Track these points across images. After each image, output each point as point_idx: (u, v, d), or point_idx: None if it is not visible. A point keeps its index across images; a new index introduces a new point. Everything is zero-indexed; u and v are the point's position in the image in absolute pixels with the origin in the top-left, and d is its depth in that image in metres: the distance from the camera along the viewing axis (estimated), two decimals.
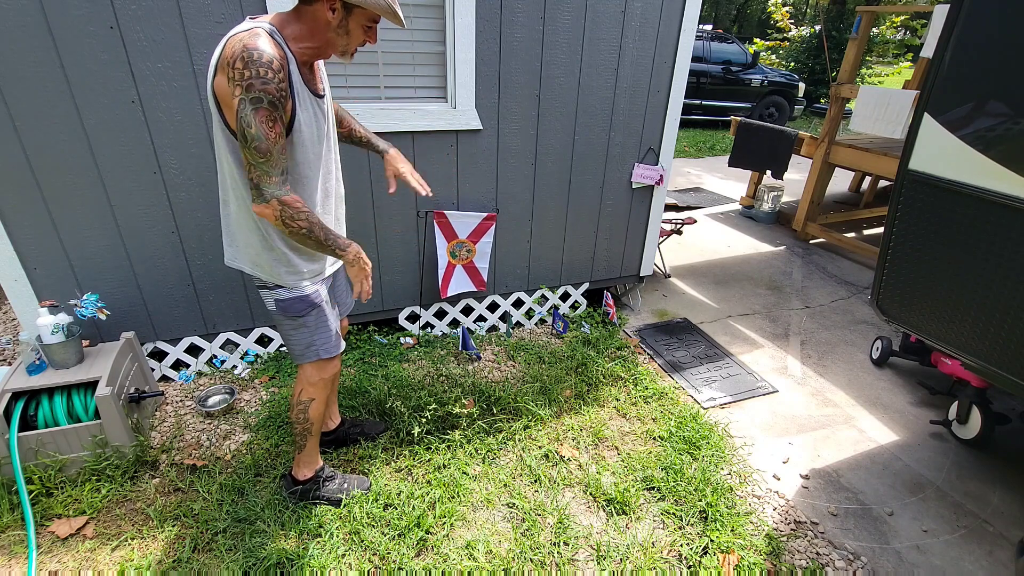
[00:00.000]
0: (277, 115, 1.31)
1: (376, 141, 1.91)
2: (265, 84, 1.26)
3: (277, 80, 1.29)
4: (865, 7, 4.44)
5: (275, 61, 1.28)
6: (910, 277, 1.98)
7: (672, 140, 3.09)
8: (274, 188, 1.34)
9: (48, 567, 1.71)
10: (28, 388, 1.97)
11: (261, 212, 1.36)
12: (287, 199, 1.36)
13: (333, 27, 1.41)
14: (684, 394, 2.75)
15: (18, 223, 2.07)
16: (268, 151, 1.31)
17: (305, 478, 1.92)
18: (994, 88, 1.63)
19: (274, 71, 1.28)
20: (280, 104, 1.31)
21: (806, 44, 13.00)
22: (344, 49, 1.47)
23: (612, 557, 1.84)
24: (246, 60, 1.25)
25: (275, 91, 1.29)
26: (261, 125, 1.28)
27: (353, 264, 1.54)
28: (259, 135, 1.28)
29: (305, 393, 1.77)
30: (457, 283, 2.90)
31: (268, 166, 1.32)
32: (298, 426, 1.82)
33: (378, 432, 2.27)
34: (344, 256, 1.51)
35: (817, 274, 4.27)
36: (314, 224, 1.41)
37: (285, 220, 1.37)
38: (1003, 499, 2.20)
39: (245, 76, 1.25)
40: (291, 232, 1.40)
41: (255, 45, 1.27)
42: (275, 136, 1.31)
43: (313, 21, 1.40)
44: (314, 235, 1.42)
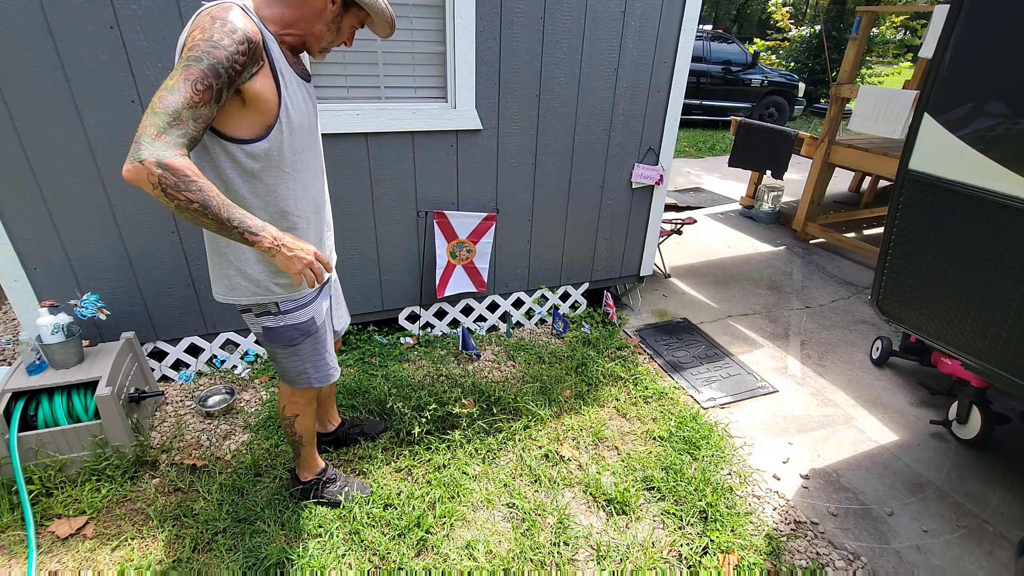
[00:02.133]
0: (214, 84, 1.11)
1: None
2: (214, 47, 1.09)
3: (233, 51, 1.11)
4: (865, 7, 4.44)
5: (238, 33, 1.12)
6: (910, 277, 1.98)
7: (672, 140, 3.09)
8: (159, 146, 1.06)
9: (48, 567, 1.71)
10: (28, 388, 1.97)
11: (130, 174, 1.06)
12: (171, 162, 1.06)
13: (327, 20, 1.31)
14: (684, 394, 2.75)
15: (18, 223, 2.07)
16: (174, 107, 1.07)
17: (307, 479, 1.93)
18: (994, 88, 1.63)
19: (234, 41, 1.11)
20: (225, 75, 1.12)
21: (806, 44, 13.00)
22: (326, 46, 1.38)
23: (612, 557, 1.84)
24: (204, 27, 1.11)
25: (224, 59, 1.10)
26: (184, 82, 1.08)
27: (274, 254, 1.25)
28: (175, 87, 1.08)
29: (289, 409, 1.73)
30: (456, 283, 2.89)
31: (164, 122, 1.07)
32: (289, 437, 1.81)
33: (378, 432, 2.27)
34: (258, 242, 1.21)
35: (817, 274, 4.27)
36: (210, 196, 1.12)
37: (167, 189, 1.07)
38: (1003, 499, 2.20)
39: (196, 40, 1.10)
40: (177, 206, 1.10)
41: (223, 15, 1.13)
42: (197, 100, 1.09)
43: (303, 8, 1.28)
44: (211, 212, 1.12)
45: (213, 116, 1.15)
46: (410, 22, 2.38)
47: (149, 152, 1.05)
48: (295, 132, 1.33)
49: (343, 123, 2.37)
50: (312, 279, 1.32)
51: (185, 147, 1.11)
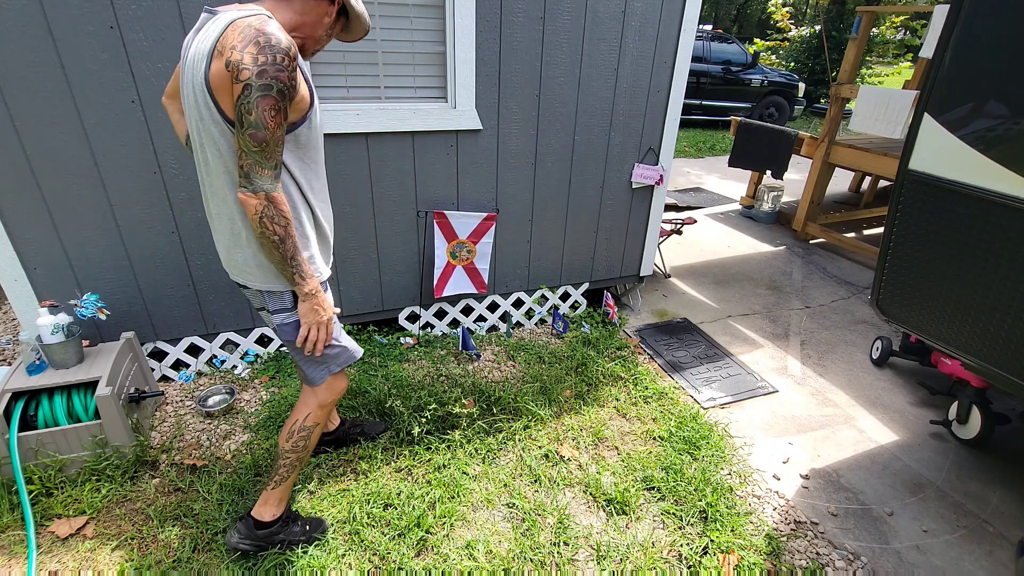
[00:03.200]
0: (282, 106, 1.22)
1: None
2: (279, 71, 1.17)
3: (290, 70, 1.20)
4: (865, 7, 4.44)
5: (292, 48, 1.20)
6: (910, 277, 1.98)
7: (672, 140, 3.09)
8: (266, 181, 1.25)
9: (48, 567, 1.71)
10: (28, 388, 1.97)
11: (245, 201, 1.25)
12: (276, 196, 1.27)
13: (326, 26, 1.39)
14: (684, 394, 2.75)
15: (18, 223, 2.07)
16: (265, 141, 1.21)
17: (273, 518, 1.71)
18: (994, 88, 1.63)
19: (290, 59, 1.19)
20: (288, 95, 1.22)
21: (806, 44, 13.00)
22: (317, 50, 1.44)
23: (612, 557, 1.84)
24: (261, 45, 1.16)
25: (287, 80, 1.20)
26: (264, 113, 1.18)
27: (306, 300, 1.41)
28: (259, 122, 1.19)
29: (312, 418, 1.64)
30: (456, 284, 2.89)
31: (262, 156, 1.22)
32: (292, 455, 1.65)
33: (378, 432, 2.26)
34: (301, 286, 1.38)
35: (817, 274, 4.27)
36: (290, 236, 1.31)
37: (264, 218, 1.26)
38: (1003, 499, 2.20)
39: (259, 61, 1.15)
40: (262, 233, 1.28)
41: (269, 31, 1.18)
42: (275, 126, 1.22)
43: (306, 14, 1.34)
44: (284, 247, 1.31)
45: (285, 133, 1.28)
46: (410, 22, 2.38)
47: (260, 185, 1.24)
48: (314, 130, 1.41)
49: (343, 123, 2.37)
50: (314, 339, 1.46)
51: (279, 176, 1.28)
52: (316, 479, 2.06)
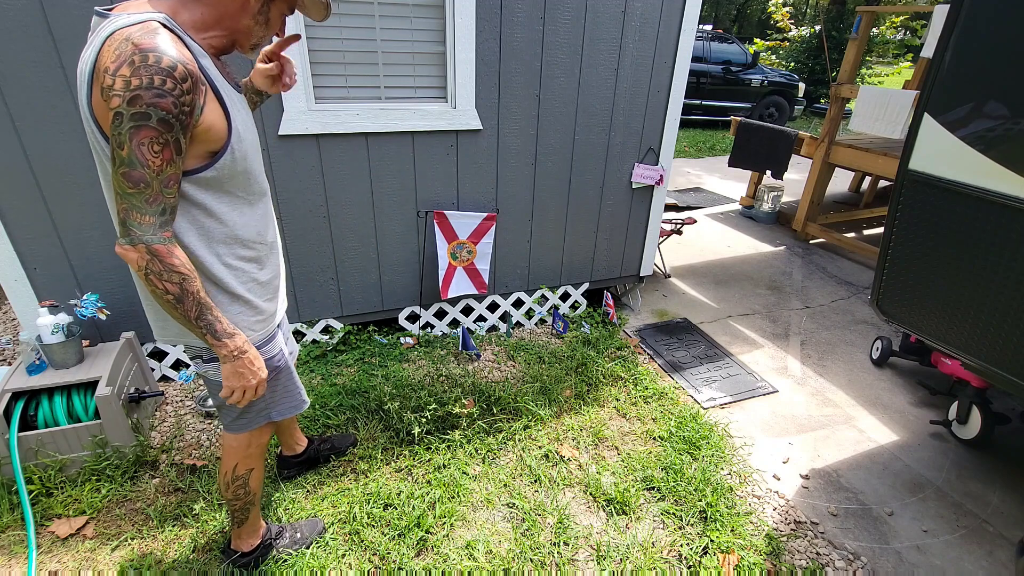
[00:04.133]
0: (169, 138, 1.00)
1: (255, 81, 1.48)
2: (159, 96, 0.95)
3: (178, 92, 0.97)
4: (865, 7, 4.44)
5: (179, 67, 0.97)
6: (910, 277, 1.98)
7: (672, 140, 3.09)
8: (145, 230, 1.03)
9: (48, 567, 1.71)
10: (28, 388, 1.97)
11: (123, 255, 1.05)
12: (159, 248, 1.04)
13: (252, 12, 1.14)
14: (684, 394, 2.75)
15: (18, 223, 2.07)
16: (143, 181, 1.00)
17: (253, 547, 1.68)
18: (994, 88, 1.63)
19: (175, 80, 0.96)
20: (177, 123, 1.00)
21: (806, 44, 13.00)
22: (258, 41, 1.21)
23: (612, 557, 1.84)
24: (136, 65, 0.94)
25: (171, 106, 0.97)
26: (139, 148, 0.97)
27: (227, 361, 1.19)
28: (132, 159, 0.98)
29: (242, 466, 1.51)
30: (458, 285, 2.89)
31: (140, 200, 1.01)
32: (237, 503, 1.56)
33: (347, 445, 2.19)
34: (219, 348, 1.16)
35: (817, 274, 4.27)
36: (188, 293, 1.09)
37: (150, 275, 1.05)
38: (1003, 499, 2.20)
39: (131, 85, 0.94)
40: (153, 292, 1.07)
41: (151, 45, 0.95)
42: (160, 164, 1.00)
43: (223, 4, 1.11)
44: (184, 306, 1.09)
45: (180, 171, 1.06)
46: (410, 22, 2.38)
47: (138, 236, 1.03)
48: (247, 155, 1.20)
49: (343, 123, 2.37)
50: (237, 399, 1.25)
51: (168, 224, 1.07)
52: (316, 479, 2.06)
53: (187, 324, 1.13)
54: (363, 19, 2.30)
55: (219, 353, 1.18)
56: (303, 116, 2.30)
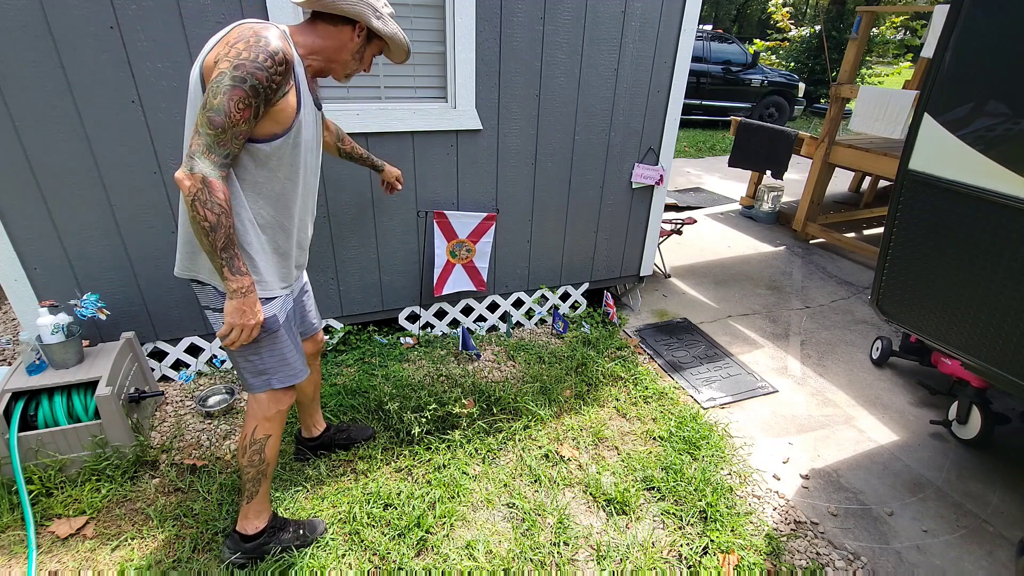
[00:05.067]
0: (253, 102, 1.22)
1: (374, 157, 2.10)
2: (258, 69, 1.20)
3: (273, 71, 1.23)
4: (865, 7, 4.44)
5: (280, 54, 1.23)
6: (910, 277, 1.98)
7: (672, 140, 3.09)
8: (207, 165, 1.22)
9: (48, 567, 1.71)
10: (28, 388, 1.97)
11: (179, 180, 1.22)
12: (212, 181, 1.22)
13: (352, 51, 1.46)
14: (684, 394, 2.75)
15: (18, 223, 2.07)
16: (221, 126, 1.20)
17: (257, 531, 1.69)
18: (994, 88, 1.63)
19: (275, 62, 1.22)
20: (263, 95, 1.23)
21: (806, 44, 13.00)
22: (349, 73, 1.52)
23: (612, 557, 1.84)
24: (249, 43, 1.21)
25: (264, 79, 1.22)
26: (229, 101, 1.19)
27: (232, 297, 1.34)
28: (221, 108, 1.19)
29: (260, 430, 1.59)
30: (455, 282, 2.89)
31: (214, 141, 1.21)
32: (251, 470, 1.61)
33: (365, 437, 2.23)
34: (228, 281, 1.32)
35: (817, 274, 4.27)
36: (223, 226, 1.26)
37: (196, 201, 1.22)
38: (1003, 499, 2.20)
39: (241, 55, 1.20)
40: (193, 217, 1.24)
41: (264, 34, 1.23)
42: (238, 118, 1.22)
43: (330, 38, 1.42)
44: (214, 236, 1.25)
45: (251, 131, 1.28)
46: (410, 22, 2.38)
47: (200, 167, 1.21)
48: (298, 149, 1.41)
49: (343, 123, 2.36)
50: (234, 339, 1.39)
51: (226, 166, 1.26)
52: (316, 479, 2.06)
53: (212, 254, 1.29)
54: None
55: (228, 288, 1.33)
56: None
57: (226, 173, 1.27)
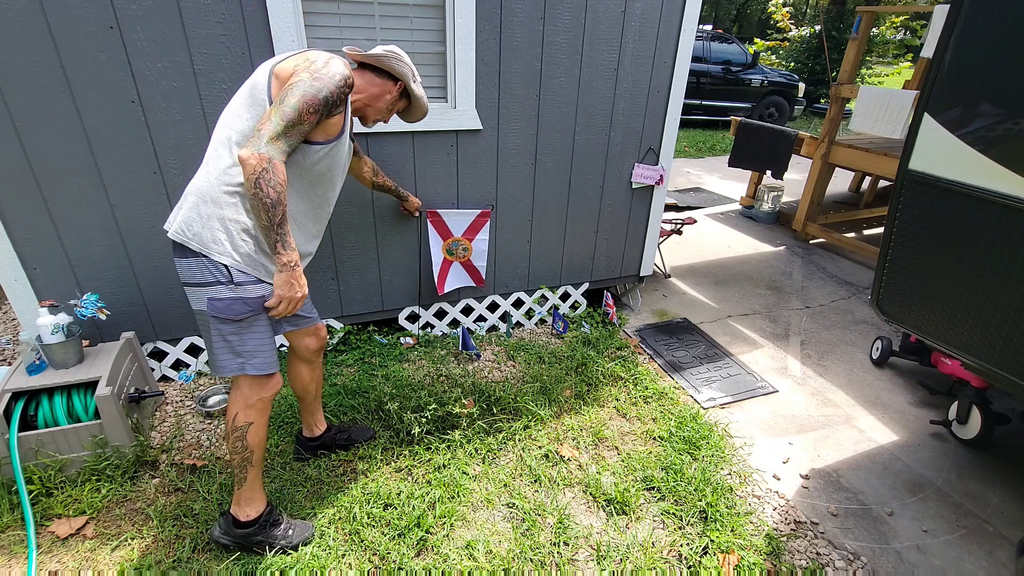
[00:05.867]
0: (320, 109, 1.39)
1: (401, 188, 2.42)
2: (331, 84, 1.40)
3: (340, 90, 1.42)
4: (865, 7, 4.44)
5: (350, 79, 1.45)
6: (910, 277, 1.98)
7: (672, 140, 3.09)
8: (273, 148, 1.35)
9: (48, 567, 1.71)
10: (28, 388, 1.97)
11: (245, 157, 1.33)
12: (277, 163, 1.36)
13: (388, 102, 1.70)
14: (684, 394, 2.75)
15: (18, 223, 2.07)
16: (291, 121, 1.36)
17: (249, 519, 1.71)
18: (994, 88, 1.63)
19: (344, 85, 1.43)
20: (328, 107, 1.42)
21: (806, 44, 13.00)
22: (377, 119, 1.75)
23: (612, 557, 1.84)
24: (327, 63, 1.42)
25: (335, 94, 1.41)
26: (303, 102, 1.36)
27: (283, 270, 1.47)
28: (295, 106, 1.35)
29: (241, 417, 1.60)
30: (454, 279, 2.89)
31: (283, 131, 1.36)
32: (235, 456, 1.63)
33: (366, 438, 2.24)
34: (282, 255, 1.45)
35: (817, 274, 4.27)
36: (280, 204, 1.39)
37: (259, 178, 1.34)
38: (1003, 499, 2.20)
39: (321, 71, 1.39)
40: (255, 194, 1.35)
41: (335, 61, 1.44)
42: (306, 118, 1.38)
43: (375, 87, 1.66)
44: (273, 212, 1.38)
45: (309, 133, 1.45)
46: (410, 22, 2.38)
47: (267, 148, 1.35)
48: (331, 161, 1.59)
49: None
50: (283, 309, 1.52)
51: (287, 154, 1.41)
52: (316, 479, 2.06)
53: (268, 230, 1.41)
54: (363, 19, 2.30)
55: (280, 261, 1.45)
56: None
57: (285, 159, 1.40)
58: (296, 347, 1.90)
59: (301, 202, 1.59)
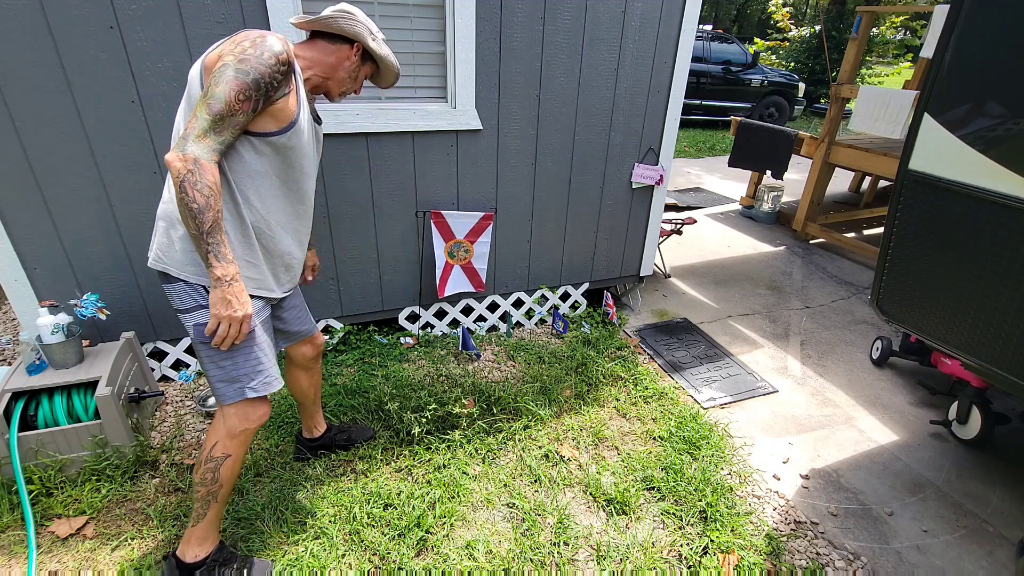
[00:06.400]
0: (253, 95, 1.24)
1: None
2: (261, 64, 1.23)
3: (274, 70, 1.25)
4: (865, 7, 4.44)
5: (284, 54, 1.27)
6: (910, 277, 1.98)
7: (672, 140, 3.09)
8: (200, 148, 1.22)
9: (48, 567, 1.71)
10: (28, 388, 1.97)
11: (170, 160, 1.20)
12: (204, 163, 1.21)
13: (348, 69, 1.51)
14: (684, 394, 2.75)
15: (18, 223, 2.07)
16: (220, 113, 1.21)
17: (197, 559, 1.56)
18: (994, 88, 1.63)
19: (278, 62, 1.26)
20: (264, 90, 1.25)
21: (806, 44, 13.00)
22: (343, 91, 1.56)
23: (612, 557, 1.84)
24: (255, 42, 1.25)
25: (267, 74, 1.24)
26: (231, 90, 1.20)
27: (217, 286, 1.29)
28: (222, 95, 1.20)
29: (220, 448, 1.48)
30: (455, 283, 2.89)
31: (209, 126, 1.22)
32: (201, 489, 1.50)
33: (366, 438, 2.22)
34: (214, 268, 1.28)
35: (817, 274, 4.27)
36: (211, 208, 1.23)
37: (185, 181, 1.20)
38: (1003, 499, 2.20)
39: (246, 51, 1.23)
40: (181, 199, 1.21)
41: (269, 36, 1.28)
42: (237, 108, 1.22)
43: (328, 56, 1.47)
44: (201, 219, 1.22)
45: (247, 123, 1.29)
46: (410, 22, 2.38)
47: (193, 148, 1.21)
48: (295, 152, 1.43)
49: (343, 123, 2.37)
50: (223, 333, 1.34)
51: (220, 152, 1.26)
52: (316, 479, 2.06)
53: (198, 239, 1.25)
54: None
55: (213, 275, 1.29)
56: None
57: (218, 159, 1.26)
58: (293, 356, 1.89)
59: (278, 202, 1.46)
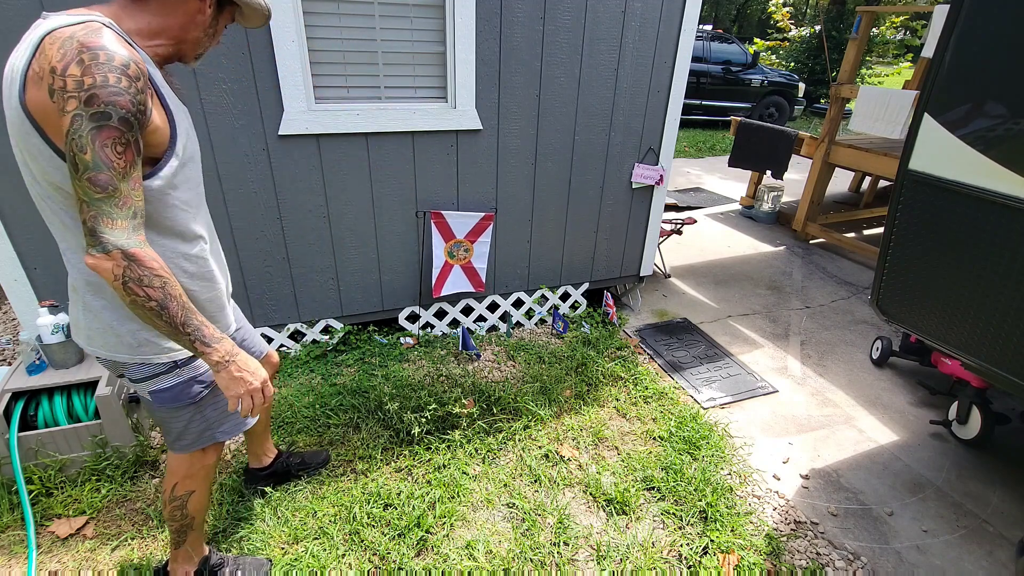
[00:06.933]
0: (130, 138, 0.96)
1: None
2: (115, 95, 0.92)
3: (134, 90, 0.95)
4: (865, 7, 4.44)
5: (132, 65, 0.95)
6: (910, 277, 1.98)
7: (672, 140, 3.09)
8: (119, 235, 0.97)
9: (48, 567, 1.71)
10: (28, 388, 1.97)
11: (95, 266, 0.97)
12: (137, 252, 0.98)
13: (203, 25, 1.15)
14: (684, 394, 2.75)
15: (18, 223, 2.07)
16: (111, 184, 0.95)
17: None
18: (994, 88, 1.63)
19: (130, 78, 0.94)
20: (136, 122, 0.97)
21: (806, 44, 13.00)
22: (200, 52, 1.22)
23: (612, 557, 1.84)
24: (86, 64, 0.91)
25: (129, 104, 0.94)
26: (103, 150, 0.93)
27: (220, 369, 1.11)
28: (97, 162, 0.93)
29: (181, 487, 1.43)
30: (453, 283, 2.89)
31: (110, 204, 0.96)
32: (174, 524, 1.48)
33: (318, 462, 2.10)
34: (209, 355, 1.09)
35: (817, 274, 4.27)
36: (172, 297, 1.02)
37: (128, 282, 0.98)
38: (1003, 499, 2.20)
39: (85, 84, 0.90)
40: (133, 301, 1.00)
41: (99, 43, 0.93)
42: (124, 165, 0.96)
43: (173, 15, 1.10)
44: (170, 311, 1.02)
45: (141, 172, 1.02)
46: (410, 22, 2.38)
47: (113, 241, 0.96)
48: (185, 165, 1.16)
49: (343, 123, 2.37)
50: (249, 406, 1.17)
51: (140, 228, 1.02)
52: (315, 479, 2.06)
53: (173, 334, 1.06)
54: (363, 19, 2.30)
55: (210, 361, 1.11)
56: (303, 116, 2.30)
57: (143, 236, 1.02)
58: None
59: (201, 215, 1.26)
